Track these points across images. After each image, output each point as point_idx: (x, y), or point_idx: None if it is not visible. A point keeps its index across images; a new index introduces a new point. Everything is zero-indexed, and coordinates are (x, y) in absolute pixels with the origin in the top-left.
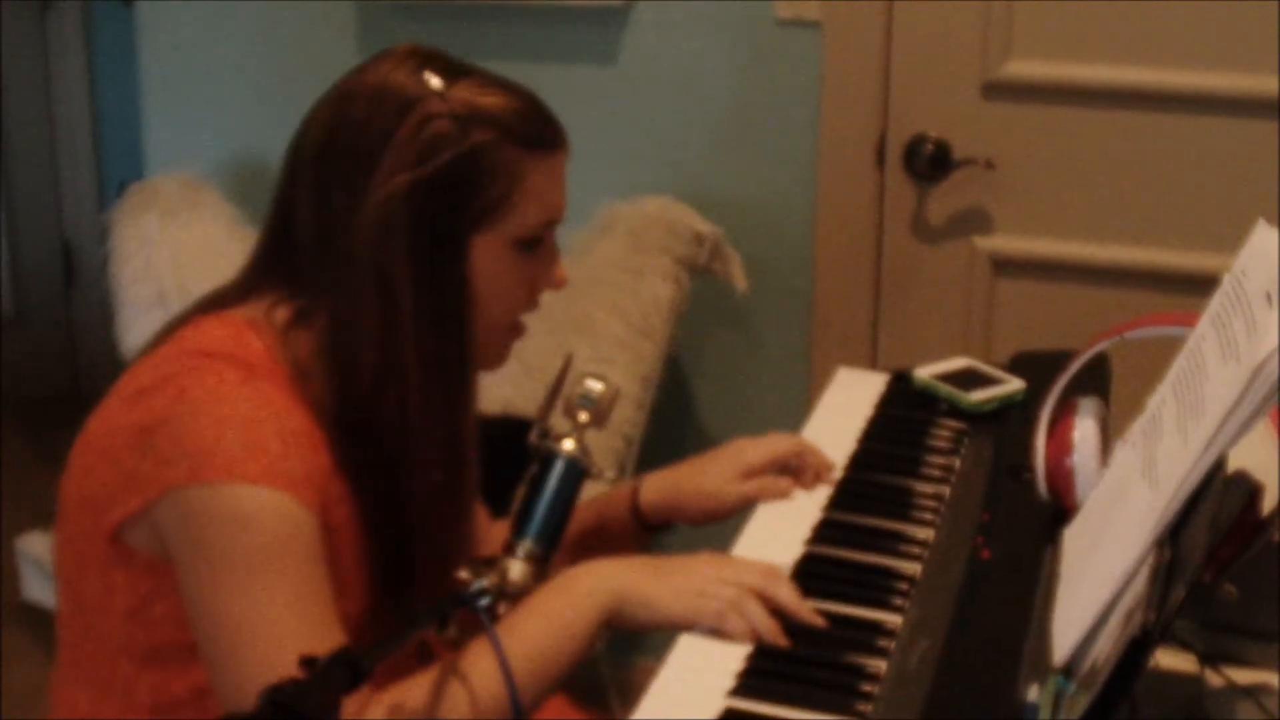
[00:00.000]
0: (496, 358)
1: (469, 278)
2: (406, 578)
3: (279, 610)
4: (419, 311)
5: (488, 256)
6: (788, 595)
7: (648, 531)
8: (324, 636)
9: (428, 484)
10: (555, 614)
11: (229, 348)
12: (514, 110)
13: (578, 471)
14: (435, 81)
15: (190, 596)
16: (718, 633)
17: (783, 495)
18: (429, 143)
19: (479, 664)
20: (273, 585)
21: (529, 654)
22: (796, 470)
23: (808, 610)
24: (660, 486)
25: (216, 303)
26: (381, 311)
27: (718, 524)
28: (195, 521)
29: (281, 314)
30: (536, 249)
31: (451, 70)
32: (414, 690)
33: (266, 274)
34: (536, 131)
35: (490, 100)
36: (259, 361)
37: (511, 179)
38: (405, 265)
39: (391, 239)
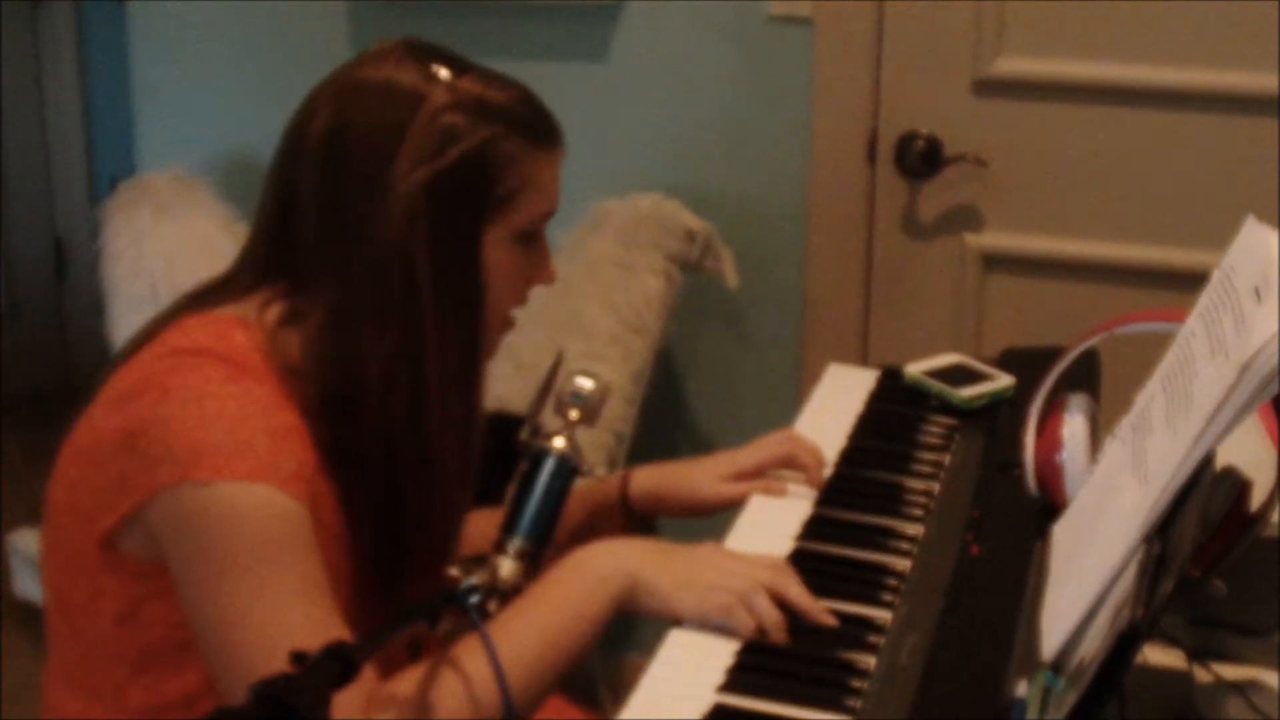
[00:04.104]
0: (489, 350)
1: (482, 267)
2: (401, 567)
3: (278, 605)
4: (440, 299)
5: (495, 248)
6: (797, 592)
7: (634, 522)
8: (325, 628)
9: (442, 474)
10: (568, 598)
11: (213, 345)
12: (519, 104)
13: (568, 469)
14: (443, 73)
15: (187, 598)
16: (717, 627)
17: (769, 490)
18: (443, 135)
19: (479, 657)
20: (270, 581)
21: (539, 639)
22: (798, 465)
23: (819, 608)
24: (649, 477)
25: (202, 300)
26: (403, 302)
27: (703, 519)
28: (187, 522)
29: (273, 313)
30: (532, 243)
31: (454, 64)
32: (411, 682)
33: (260, 270)
34: (540, 126)
35: (495, 94)
36: (244, 358)
37: (520, 172)
38: (427, 256)
39: (415, 231)
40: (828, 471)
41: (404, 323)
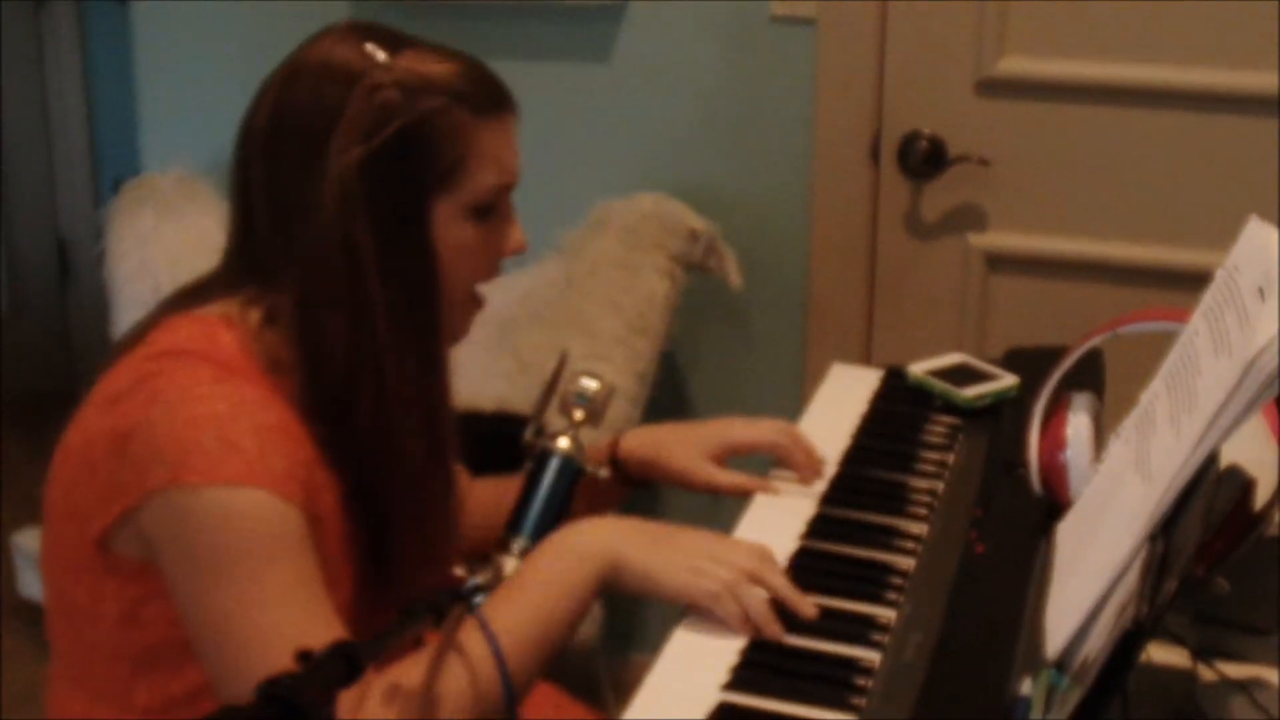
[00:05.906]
0: (459, 330)
1: (432, 246)
2: (390, 559)
3: (270, 606)
4: (387, 284)
5: (445, 225)
6: (780, 581)
7: (623, 484)
8: (318, 629)
9: (410, 460)
10: (551, 577)
11: (200, 346)
12: (460, 75)
13: (572, 469)
14: (379, 54)
15: (181, 600)
16: (711, 619)
17: (760, 490)
18: (377, 114)
19: (477, 640)
20: (261, 582)
21: (526, 619)
22: (789, 464)
23: (801, 598)
24: (642, 439)
25: (187, 300)
26: (350, 287)
27: (710, 511)
28: (178, 525)
29: (255, 313)
30: (492, 216)
31: (394, 41)
32: (412, 669)
33: (238, 269)
34: (484, 95)
35: (435, 68)
36: (232, 358)
37: (463, 144)
38: (369, 238)
39: (352, 213)
40: (831, 471)
41: (355, 310)
